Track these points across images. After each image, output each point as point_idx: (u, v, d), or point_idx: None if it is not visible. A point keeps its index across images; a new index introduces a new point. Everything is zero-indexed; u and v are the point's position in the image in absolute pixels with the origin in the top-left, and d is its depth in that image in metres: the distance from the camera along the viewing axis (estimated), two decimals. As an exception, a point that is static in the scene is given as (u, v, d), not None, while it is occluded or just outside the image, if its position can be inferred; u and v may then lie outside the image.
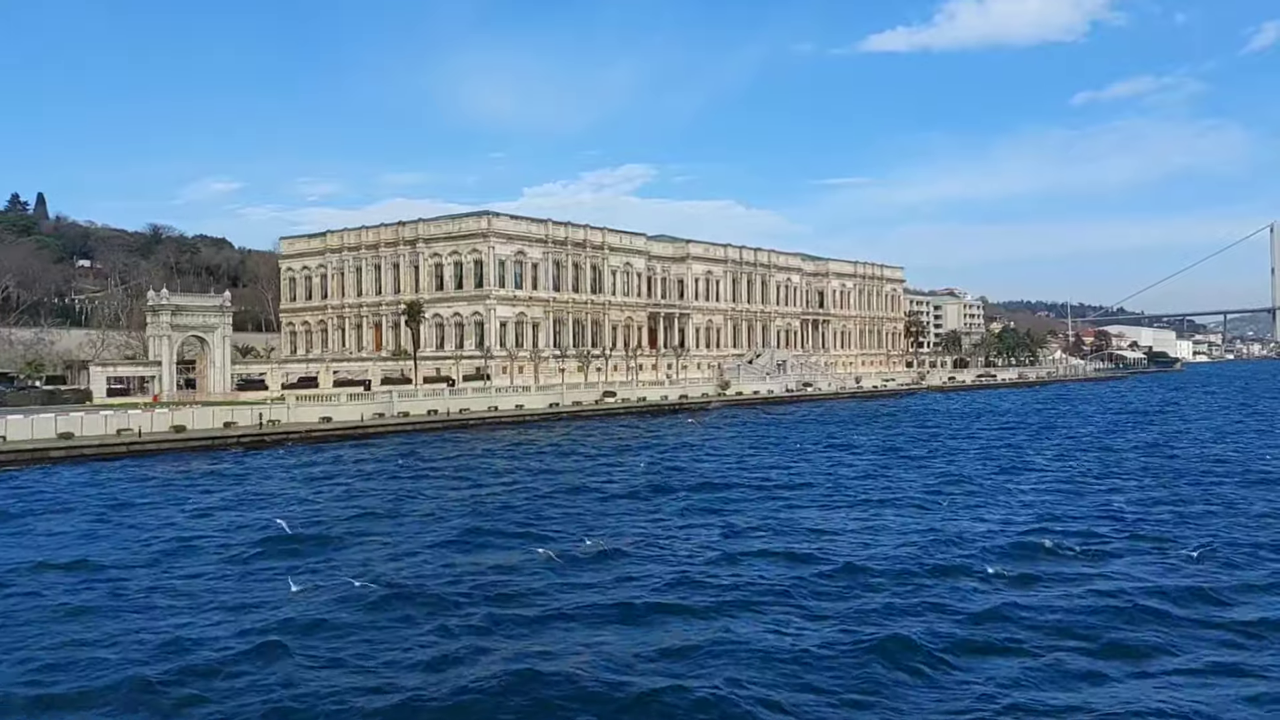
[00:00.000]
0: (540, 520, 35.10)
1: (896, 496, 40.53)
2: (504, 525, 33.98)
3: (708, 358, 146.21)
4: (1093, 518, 34.57)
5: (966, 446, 63.51)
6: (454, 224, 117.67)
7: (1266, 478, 45.61)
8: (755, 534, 32.21)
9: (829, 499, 40.14)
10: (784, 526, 33.63)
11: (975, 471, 49.38)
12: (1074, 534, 31.53)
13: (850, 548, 29.79)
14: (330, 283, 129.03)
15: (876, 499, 39.84)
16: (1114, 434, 72.97)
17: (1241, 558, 27.91)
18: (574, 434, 74.98)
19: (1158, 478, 46.09)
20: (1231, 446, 62.30)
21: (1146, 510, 36.32)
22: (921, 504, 38.36)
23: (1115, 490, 41.77)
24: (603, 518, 35.93)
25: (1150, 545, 29.74)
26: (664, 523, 34.70)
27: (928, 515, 35.69)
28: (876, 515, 35.79)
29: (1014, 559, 27.86)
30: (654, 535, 32.07)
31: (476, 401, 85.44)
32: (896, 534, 31.82)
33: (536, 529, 33.22)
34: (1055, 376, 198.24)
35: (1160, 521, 33.84)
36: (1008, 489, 42.68)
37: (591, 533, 32.34)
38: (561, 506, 38.45)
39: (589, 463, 54.87)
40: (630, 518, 35.88)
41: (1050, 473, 48.63)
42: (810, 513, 36.54)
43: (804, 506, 38.12)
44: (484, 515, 36.19)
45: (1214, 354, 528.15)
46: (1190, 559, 27.73)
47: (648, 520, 35.30)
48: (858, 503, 39.05)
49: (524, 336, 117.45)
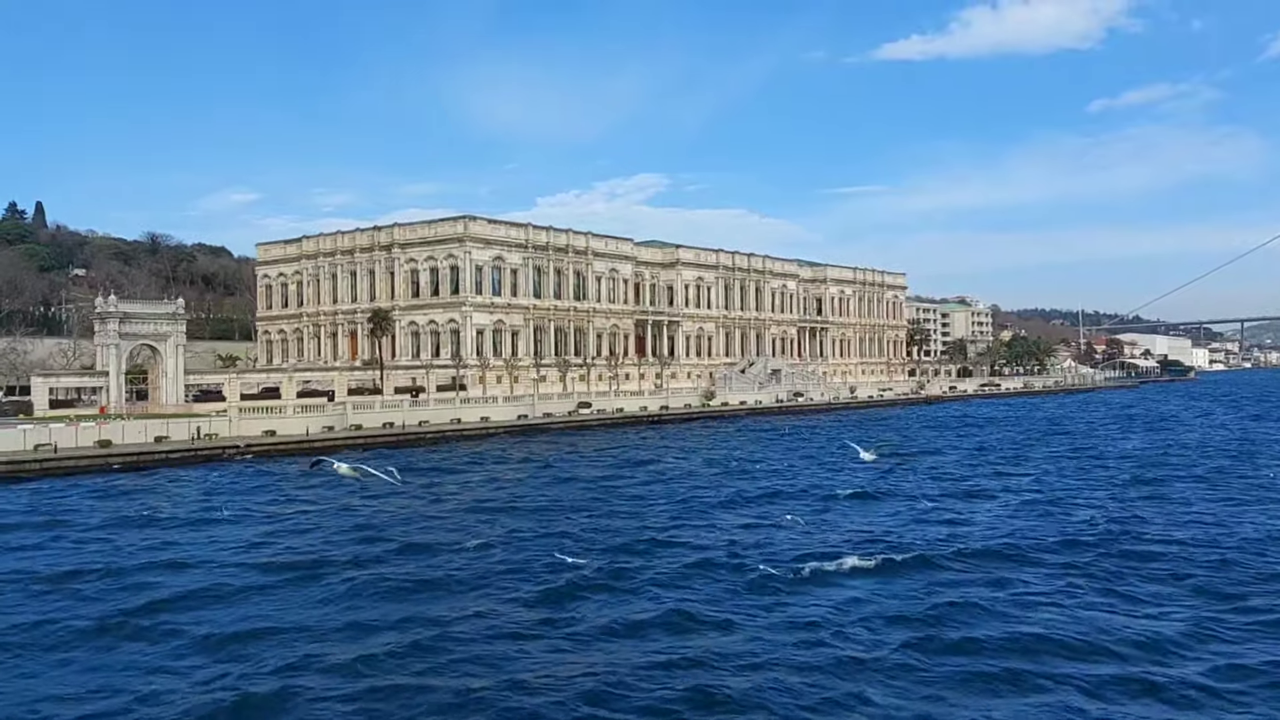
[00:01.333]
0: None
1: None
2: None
3: (698, 367, 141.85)
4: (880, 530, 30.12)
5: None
6: (430, 229, 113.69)
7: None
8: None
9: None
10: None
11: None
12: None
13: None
14: (306, 290, 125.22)
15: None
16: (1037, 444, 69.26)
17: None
18: (535, 449, 70.74)
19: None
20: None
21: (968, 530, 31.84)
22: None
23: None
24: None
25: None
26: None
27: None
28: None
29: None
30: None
31: (439, 414, 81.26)
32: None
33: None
34: (1063, 386, 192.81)
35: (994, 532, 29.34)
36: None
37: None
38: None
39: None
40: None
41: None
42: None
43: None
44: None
45: (1230, 362, 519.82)
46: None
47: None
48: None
49: (502, 345, 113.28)
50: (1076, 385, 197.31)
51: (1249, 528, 33.86)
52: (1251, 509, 38.31)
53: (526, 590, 25.88)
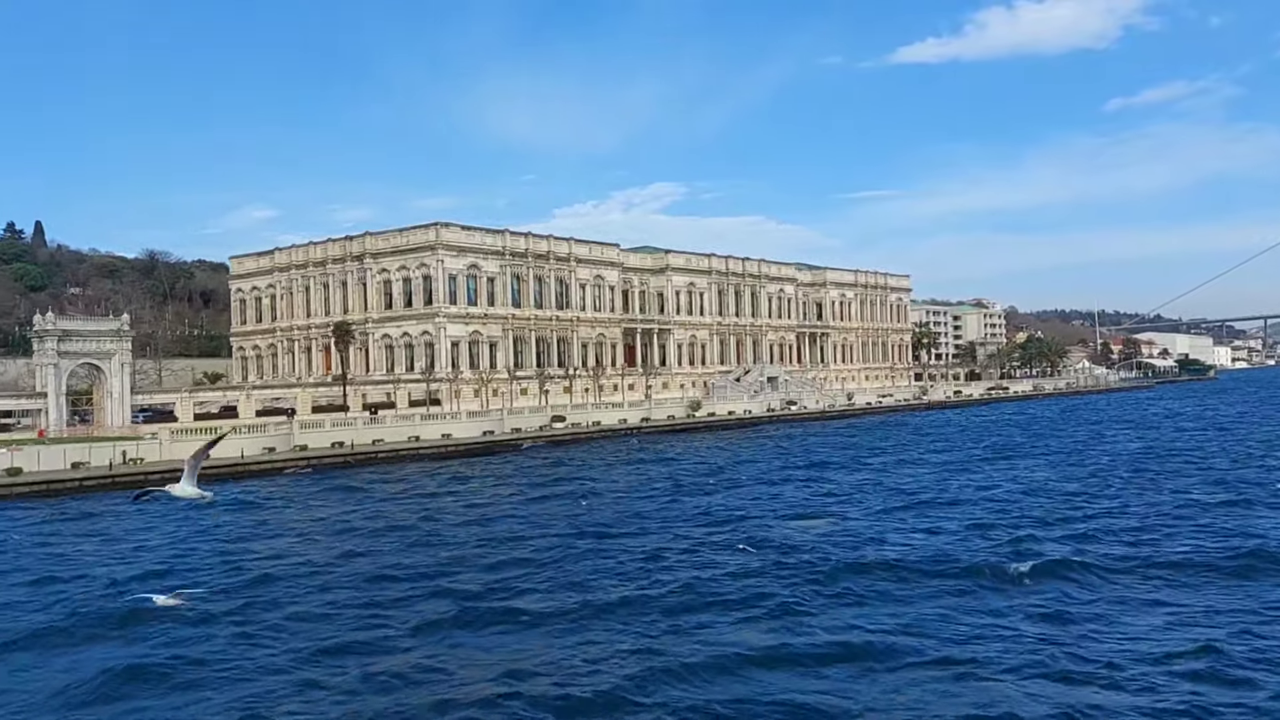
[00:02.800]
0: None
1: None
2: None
3: (692, 376, 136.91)
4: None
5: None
6: (401, 237, 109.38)
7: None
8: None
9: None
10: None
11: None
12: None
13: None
14: (280, 303, 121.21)
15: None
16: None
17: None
18: (477, 470, 65.96)
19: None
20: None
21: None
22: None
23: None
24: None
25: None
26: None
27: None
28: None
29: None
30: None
31: (396, 431, 76.64)
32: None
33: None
34: (1075, 388, 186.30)
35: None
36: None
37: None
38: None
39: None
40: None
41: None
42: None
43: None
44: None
45: (1254, 360, 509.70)
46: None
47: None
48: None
49: (479, 357, 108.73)
50: (1089, 387, 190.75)
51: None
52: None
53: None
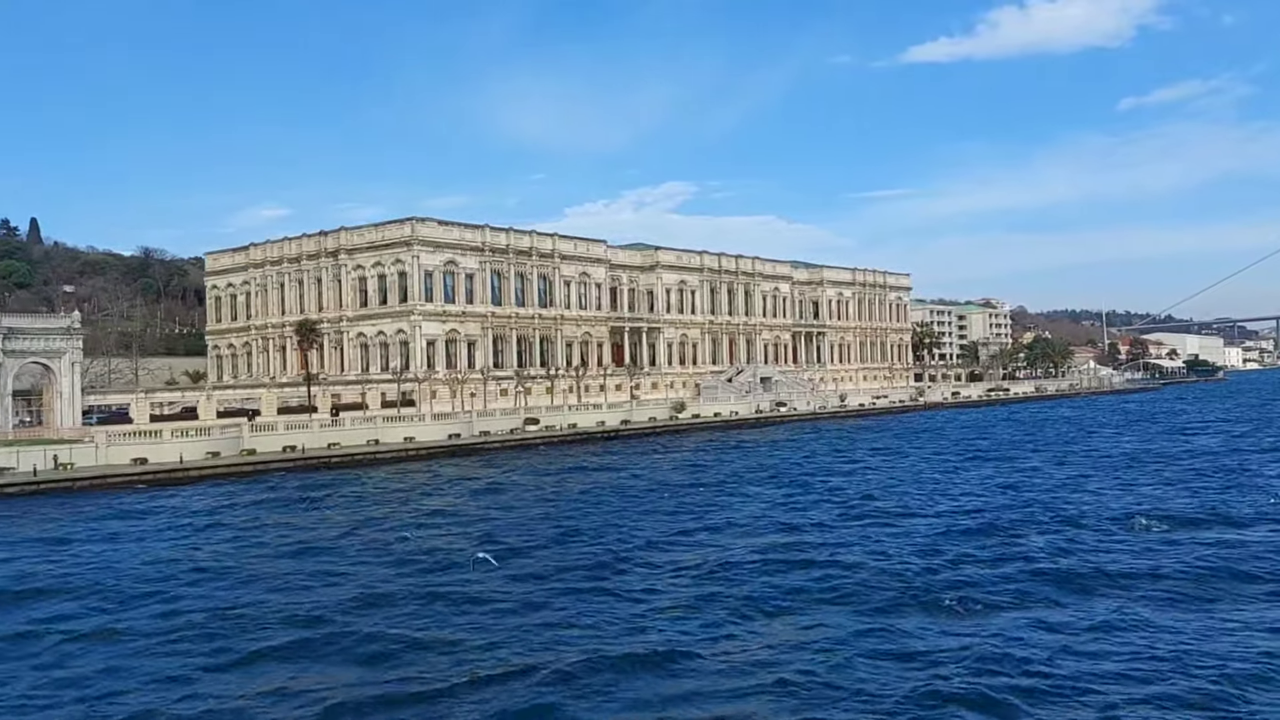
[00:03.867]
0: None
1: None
2: None
3: (682, 375, 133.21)
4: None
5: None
6: (376, 232, 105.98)
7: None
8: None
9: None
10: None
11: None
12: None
13: None
14: (254, 300, 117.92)
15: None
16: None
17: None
18: (434, 478, 62.43)
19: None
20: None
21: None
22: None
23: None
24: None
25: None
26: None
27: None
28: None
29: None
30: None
31: (354, 434, 73.18)
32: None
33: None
34: (1078, 389, 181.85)
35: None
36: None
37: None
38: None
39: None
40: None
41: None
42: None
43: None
44: None
45: (1265, 361, 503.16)
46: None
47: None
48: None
49: (456, 356, 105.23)
50: (1094, 388, 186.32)
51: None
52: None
53: None
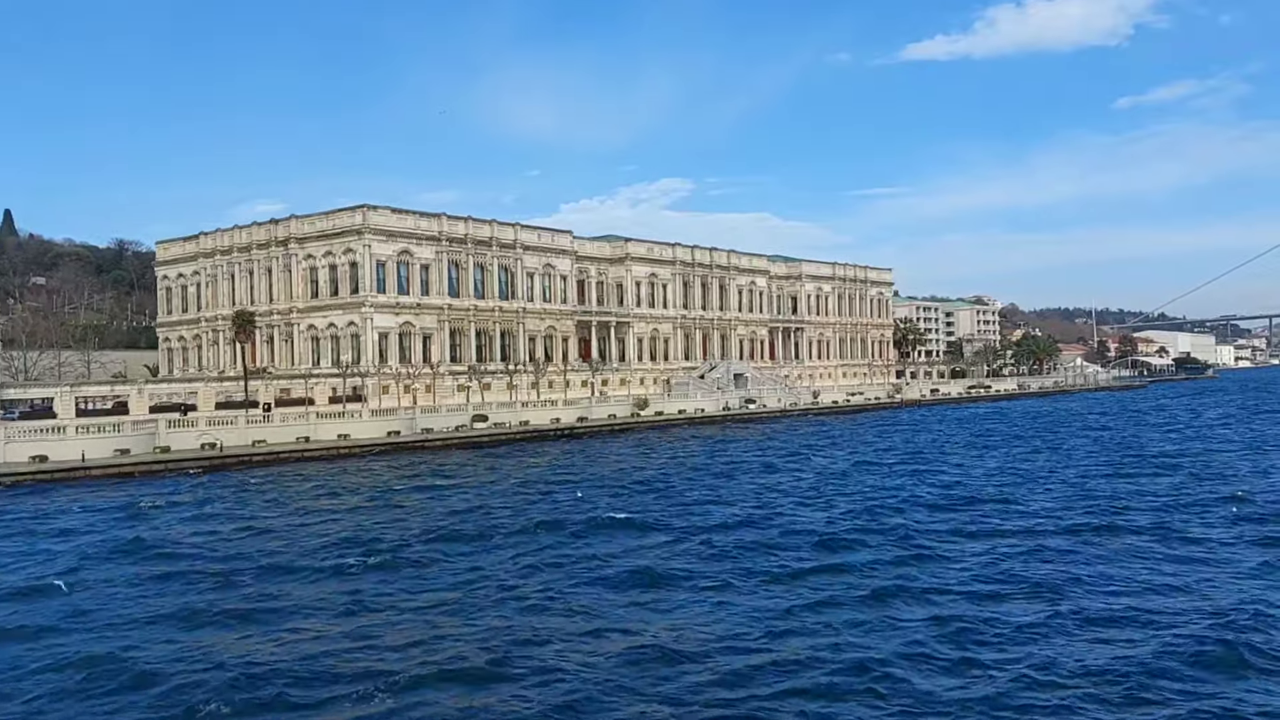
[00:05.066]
0: None
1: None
2: None
3: (653, 371, 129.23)
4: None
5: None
6: (327, 220, 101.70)
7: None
8: None
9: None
10: None
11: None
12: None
13: None
14: (205, 291, 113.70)
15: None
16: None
17: None
18: (353, 477, 58.44)
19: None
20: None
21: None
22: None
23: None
24: None
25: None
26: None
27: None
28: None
29: None
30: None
31: (283, 431, 69.14)
32: None
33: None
34: (1063, 386, 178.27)
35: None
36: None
37: None
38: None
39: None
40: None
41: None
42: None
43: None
44: None
45: (1258, 359, 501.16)
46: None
47: None
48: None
49: (411, 350, 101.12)
50: (1078, 386, 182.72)
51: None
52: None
53: None
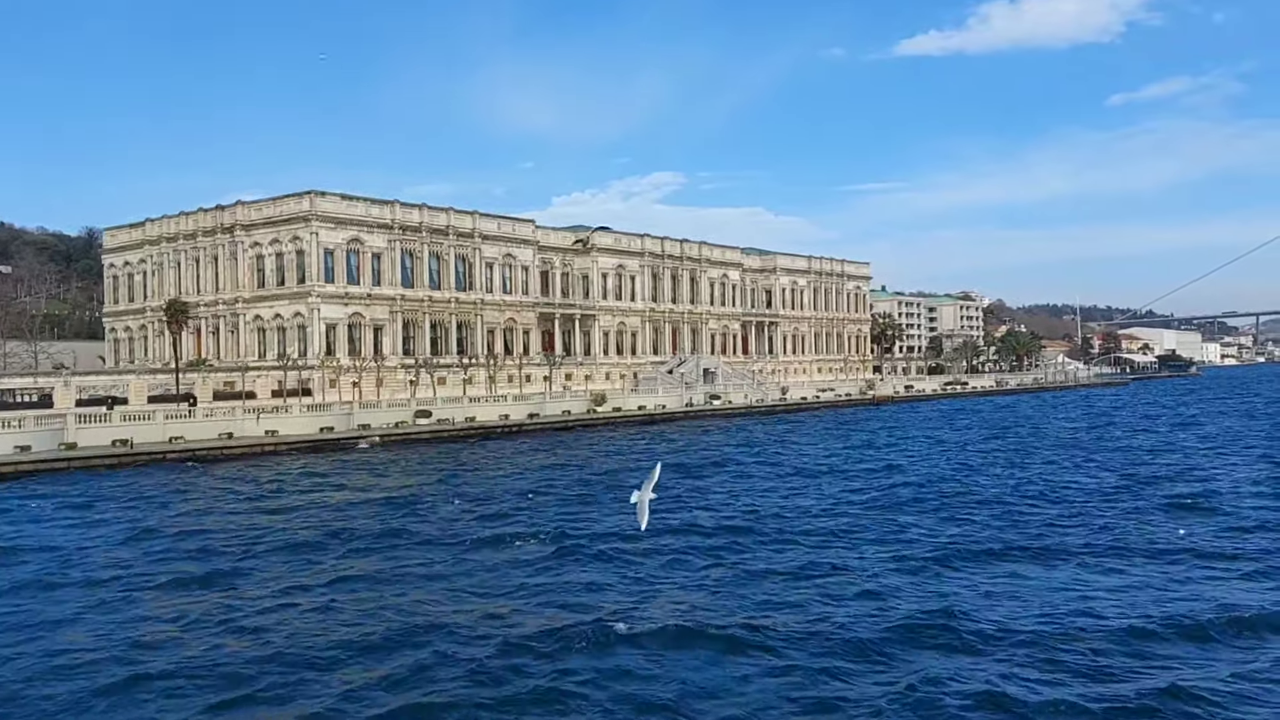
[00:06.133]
0: None
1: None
2: None
3: (619, 366, 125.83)
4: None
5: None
6: (274, 207, 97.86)
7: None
8: None
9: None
10: None
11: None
12: None
13: None
14: (151, 280, 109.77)
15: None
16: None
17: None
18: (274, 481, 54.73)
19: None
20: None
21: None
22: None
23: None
24: None
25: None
26: None
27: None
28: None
29: None
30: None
31: (202, 427, 65.36)
32: None
33: None
34: (1043, 384, 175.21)
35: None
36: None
37: None
38: None
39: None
40: None
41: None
42: None
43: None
44: None
45: (1244, 357, 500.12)
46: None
47: None
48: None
49: (361, 342, 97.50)
50: (1059, 383, 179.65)
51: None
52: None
53: None
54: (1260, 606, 21.08)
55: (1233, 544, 29.03)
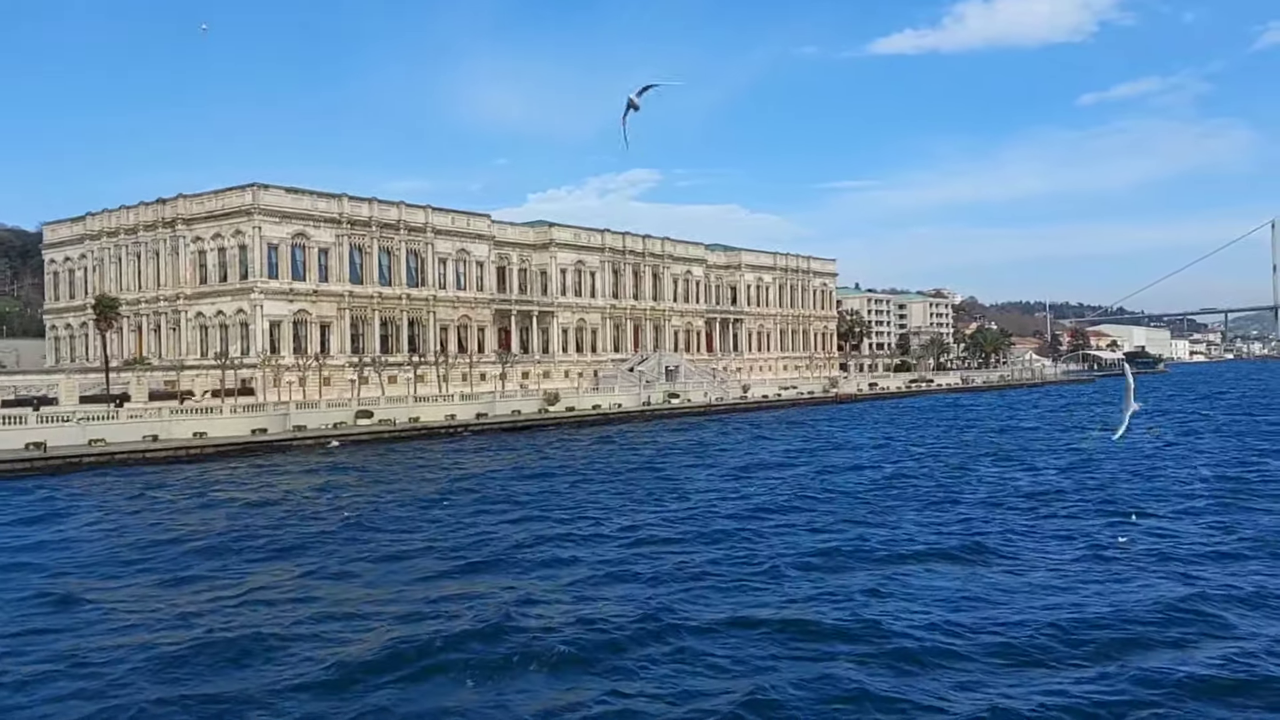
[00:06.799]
0: None
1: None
2: None
3: (579, 364, 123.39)
4: None
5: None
6: (216, 200, 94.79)
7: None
8: None
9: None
10: None
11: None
12: None
13: None
14: (92, 276, 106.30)
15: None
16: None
17: None
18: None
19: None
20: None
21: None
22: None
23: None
24: None
25: None
26: None
27: None
28: None
29: None
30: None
31: (127, 429, 62.44)
32: None
33: None
34: (1009, 381, 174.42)
35: None
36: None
37: None
38: None
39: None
40: None
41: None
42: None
43: None
44: None
45: (1213, 353, 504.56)
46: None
47: None
48: None
49: (307, 340, 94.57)
50: (1025, 380, 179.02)
51: None
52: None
53: None
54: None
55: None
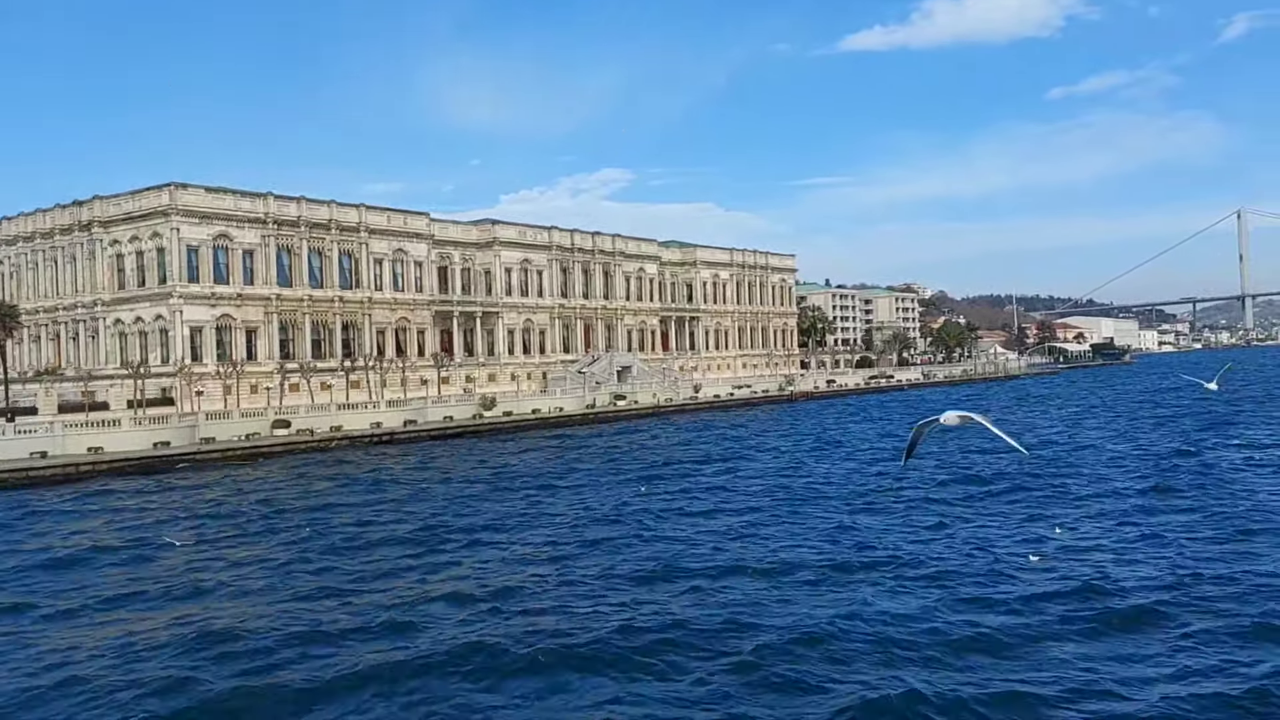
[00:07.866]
0: None
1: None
2: None
3: (527, 365, 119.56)
4: None
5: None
6: (133, 201, 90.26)
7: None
8: None
9: None
10: None
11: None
12: None
13: None
14: (9, 283, 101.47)
15: None
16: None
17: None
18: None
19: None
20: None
21: None
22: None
23: None
24: None
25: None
26: None
27: None
28: None
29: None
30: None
31: (11, 446, 58.16)
32: None
33: None
34: (972, 375, 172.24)
35: None
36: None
37: None
38: None
39: None
40: None
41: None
42: None
43: None
44: None
45: (1181, 344, 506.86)
46: None
47: None
48: None
49: (232, 346, 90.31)
50: (990, 374, 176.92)
51: None
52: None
53: None
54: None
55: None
